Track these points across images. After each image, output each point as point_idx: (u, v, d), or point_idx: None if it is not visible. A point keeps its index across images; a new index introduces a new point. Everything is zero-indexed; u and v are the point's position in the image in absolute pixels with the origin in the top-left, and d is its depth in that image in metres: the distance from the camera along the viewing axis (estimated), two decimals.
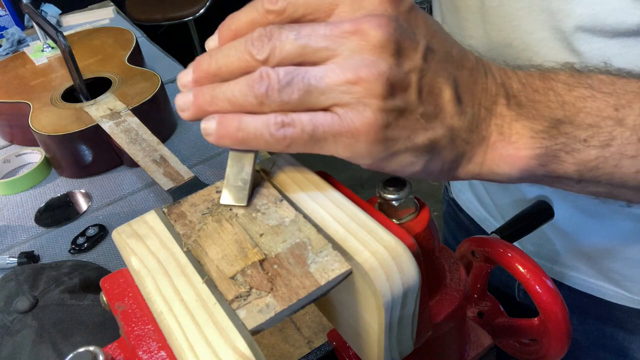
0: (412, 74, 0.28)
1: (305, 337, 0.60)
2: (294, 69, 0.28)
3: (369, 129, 0.28)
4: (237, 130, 0.29)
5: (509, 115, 0.31)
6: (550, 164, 0.31)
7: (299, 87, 0.28)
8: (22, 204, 0.86)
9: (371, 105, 0.27)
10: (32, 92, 0.96)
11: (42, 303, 0.58)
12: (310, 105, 0.28)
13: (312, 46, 0.28)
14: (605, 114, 0.31)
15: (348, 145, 0.29)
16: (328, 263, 0.28)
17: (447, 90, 0.29)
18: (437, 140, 0.30)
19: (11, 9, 1.45)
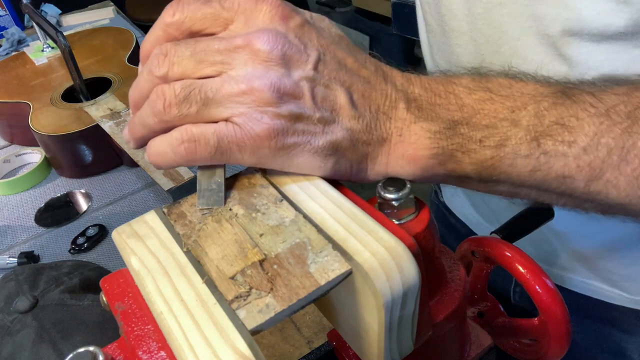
0: (303, 82, 0.30)
1: (305, 337, 0.60)
2: (190, 83, 0.30)
3: (269, 134, 0.30)
4: (150, 155, 0.32)
5: (408, 118, 0.33)
6: (448, 164, 0.33)
7: (197, 100, 0.30)
8: (22, 204, 0.86)
9: (267, 112, 0.29)
10: (32, 92, 0.96)
11: (42, 303, 0.58)
12: (209, 117, 0.30)
13: (208, 60, 0.30)
14: (501, 116, 0.33)
15: (253, 153, 0.31)
16: (328, 263, 0.28)
17: (342, 97, 0.31)
18: (338, 143, 0.32)
19: (11, 9, 1.45)
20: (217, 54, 0.30)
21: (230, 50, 0.30)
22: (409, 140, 0.33)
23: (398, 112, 0.33)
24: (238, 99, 0.29)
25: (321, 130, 0.31)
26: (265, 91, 0.29)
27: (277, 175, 0.34)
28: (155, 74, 0.30)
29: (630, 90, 0.33)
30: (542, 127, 0.32)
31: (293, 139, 0.31)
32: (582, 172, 0.32)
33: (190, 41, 0.31)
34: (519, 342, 0.46)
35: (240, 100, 0.29)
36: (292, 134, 0.30)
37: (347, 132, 0.32)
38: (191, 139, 0.30)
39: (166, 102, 0.30)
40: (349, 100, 0.32)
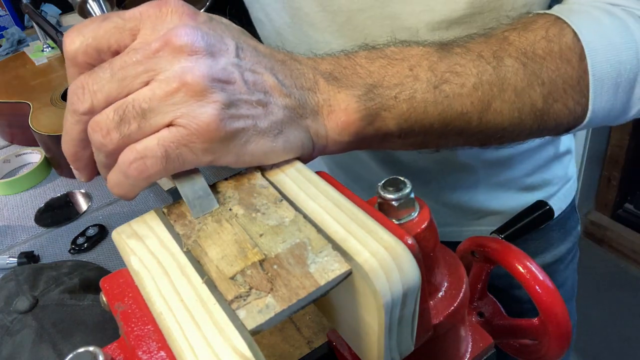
0: (231, 68, 0.31)
1: (305, 337, 0.60)
2: (121, 102, 0.29)
3: (216, 124, 0.29)
4: (112, 189, 0.31)
5: (331, 90, 0.36)
6: (376, 122, 0.37)
7: (134, 115, 0.28)
8: (22, 204, 0.86)
9: (207, 103, 0.29)
10: (32, 92, 0.96)
11: (42, 303, 0.58)
12: (151, 128, 0.29)
13: (130, 75, 0.29)
14: (404, 74, 0.38)
15: (205, 150, 0.30)
16: (328, 263, 0.28)
17: (270, 78, 0.33)
18: (280, 120, 0.33)
19: (11, 9, 1.45)
20: (137, 65, 0.29)
21: (150, 56, 0.29)
22: (339, 107, 0.35)
23: (319, 86, 0.35)
24: (174, 99, 0.29)
25: (262, 112, 0.32)
26: (199, 83, 0.29)
27: (277, 175, 0.34)
28: (80, 111, 0.29)
29: (484, 38, 0.42)
30: (439, 77, 0.38)
31: (240, 124, 0.30)
32: (475, 107, 0.39)
33: (103, 65, 0.29)
34: (519, 342, 0.46)
35: (177, 100, 0.29)
36: (238, 118, 0.30)
37: (285, 110, 0.33)
38: (137, 157, 0.29)
39: (103, 131, 0.29)
40: (276, 80, 0.33)
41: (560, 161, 0.75)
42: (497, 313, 0.47)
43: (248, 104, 0.31)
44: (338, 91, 0.36)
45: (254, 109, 0.31)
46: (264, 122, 0.32)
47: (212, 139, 0.29)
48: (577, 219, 0.82)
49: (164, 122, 0.29)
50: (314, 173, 0.34)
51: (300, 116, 0.34)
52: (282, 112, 0.33)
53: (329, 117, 0.35)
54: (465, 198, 0.72)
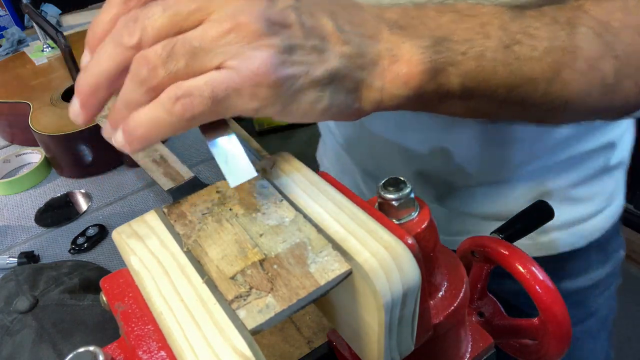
0: (288, 11, 0.29)
1: (305, 337, 0.60)
2: (173, 39, 0.27)
3: (267, 69, 0.28)
4: (136, 128, 0.28)
5: (395, 39, 0.33)
6: (439, 77, 0.34)
7: (183, 53, 0.27)
8: (22, 204, 0.86)
9: (260, 47, 0.28)
10: (32, 92, 0.96)
11: (42, 303, 0.58)
12: (200, 68, 0.28)
13: (183, 12, 0.28)
14: (475, 31, 0.35)
15: (253, 95, 0.28)
16: (328, 263, 0.28)
17: (328, 23, 0.31)
18: (335, 69, 0.31)
19: (11, 9, 1.45)
20: (191, 2, 0.28)
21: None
22: (403, 58, 0.33)
23: (383, 34, 0.33)
24: (226, 39, 0.27)
25: (317, 59, 0.30)
26: (253, 23, 0.28)
27: (277, 175, 0.34)
28: (126, 44, 0.28)
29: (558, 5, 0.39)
30: (510, 37, 0.36)
31: (292, 70, 0.29)
32: (545, 73, 0.37)
33: (158, 1, 0.28)
34: (519, 342, 0.46)
35: (229, 41, 0.27)
36: (291, 64, 0.29)
37: (342, 59, 0.31)
38: (185, 93, 0.27)
39: (150, 66, 0.27)
40: (335, 26, 0.31)
41: (611, 174, 0.67)
42: (497, 313, 0.47)
43: (303, 50, 0.29)
44: (402, 41, 0.33)
45: (308, 55, 0.30)
46: (318, 70, 0.30)
47: (261, 84, 0.28)
48: (620, 242, 0.74)
49: (213, 63, 0.28)
50: (314, 173, 0.34)
51: (357, 66, 0.32)
52: (337, 61, 0.31)
53: (389, 69, 0.33)
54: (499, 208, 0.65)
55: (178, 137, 0.96)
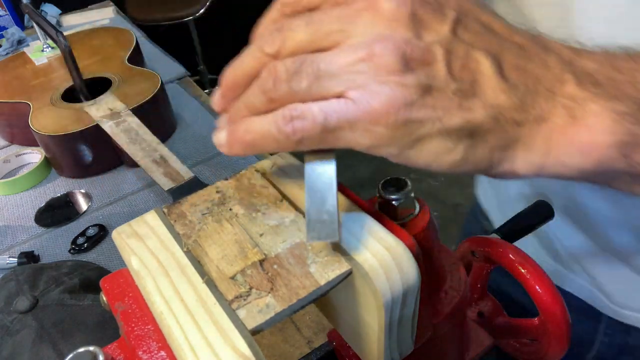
0: (435, 46, 0.25)
1: (305, 337, 0.60)
2: (304, 56, 0.26)
3: (389, 108, 0.25)
4: (245, 133, 0.28)
5: (582, 96, 0.26)
6: (635, 155, 0.27)
7: (308, 73, 0.26)
8: (22, 204, 0.86)
9: (388, 82, 0.25)
10: (32, 92, 0.96)
11: (42, 303, 0.58)
12: (321, 93, 0.26)
13: (323, 30, 0.26)
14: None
15: (367, 132, 0.26)
16: (328, 263, 0.28)
17: (486, 64, 0.26)
18: (478, 122, 0.26)
19: (11, 9, 1.45)
20: (335, 21, 0.26)
21: (350, 15, 0.26)
22: (585, 122, 0.26)
23: (566, 87, 0.27)
24: (355, 68, 0.25)
25: (457, 105, 0.26)
26: (387, 55, 0.25)
27: (277, 175, 0.34)
28: (265, 51, 0.27)
29: None
30: None
31: (419, 114, 0.25)
32: None
33: (307, 13, 0.27)
34: (519, 342, 0.46)
35: (358, 70, 0.25)
36: (419, 108, 0.25)
37: (492, 110, 0.26)
38: (299, 116, 0.26)
39: (277, 79, 0.26)
40: (496, 69, 0.26)
41: None
42: (497, 313, 0.47)
43: (441, 93, 0.25)
44: (591, 100, 0.26)
45: (448, 99, 0.26)
46: (454, 118, 0.26)
47: (378, 122, 0.25)
48: None
49: (335, 90, 0.26)
50: None
51: (512, 122, 0.26)
52: (483, 112, 0.26)
53: (562, 130, 0.27)
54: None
55: (178, 137, 0.96)
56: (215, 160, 0.89)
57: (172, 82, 1.13)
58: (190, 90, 1.10)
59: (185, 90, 1.10)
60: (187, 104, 1.05)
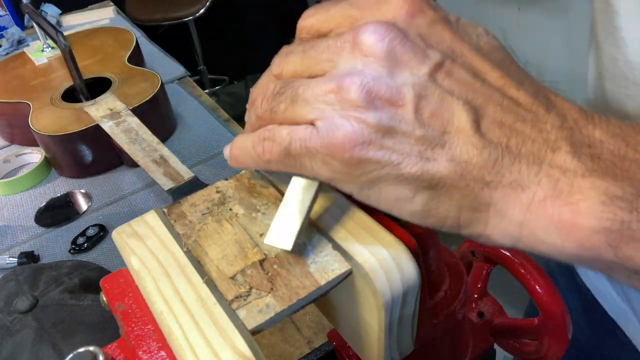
0: (406, 88, 0.24)
1: (305, 337, 0.60)
2: (291, 80, 0.27)
3: (345, 143, 0.24)
4: (233, 148, 0.30)
5: (574, 168, 0.23)
6: (626, 248, 0.23)
7: (287, 96, 0.26)
8: (22, 204, 0.86)
9: (350, 117, 0.24)
10: (32, 92, 0.96)
11: (42, 303, 0.58)
12: (295, 117, 0.26)
13: (315, 57, 0.27)
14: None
15: (325, 164, 0.26)
16: (328, 263, 0.28)
17: (462, 116, 0.24)
18: (439, 175, 0.24)
19: (11, 9, 1.45)
20: (325, 50, 0.26)
21: (337, 46, 0.26)
22: (569, 199, 0.23)
23: (557, 155, 0.24)
24: (325, 98, 0.25)
25: (418, 153, 0.24)
26: (353, 90, 0.24)
27: (277, 175, 0.34)
28: (272, 72, 0.28)
29: None
30: None
31: (376, 155, 0.24)
32: None
33: (311, 40, 0.28)
34: (519, 342, 0.46)
35: (327, 100, 0.25)
36: (377, 148, 0.24)
37: (457, 165, 0.24)
38: (269, 137, 0.27)
39: (261, 96, 0.27)
40: (472, 123, 0.24)
41: None
42: (497, 313, 0.47)
43: (405, 137, 0.24)
44: (584, 175, 0.23)
45: (409, 145, 0.24)
46: (413, 166, 0.24)
47: (334, 156, 0.25)
48: None
49: (307, 117, 0.26)
50: None
51: (480, 181, 0.24)
52: (449, 166, 0.24)
53: (542, 204, 0.23)
54: None
55: (178, 137, 0.96)
56: (215, 160, 0.89)
57: (172, 82, 1.13)
58: (190, 90, 1.10)
59: (185, 90, 1.10)
60: (187, 104, 1.05)
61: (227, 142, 0.32)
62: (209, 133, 0.95)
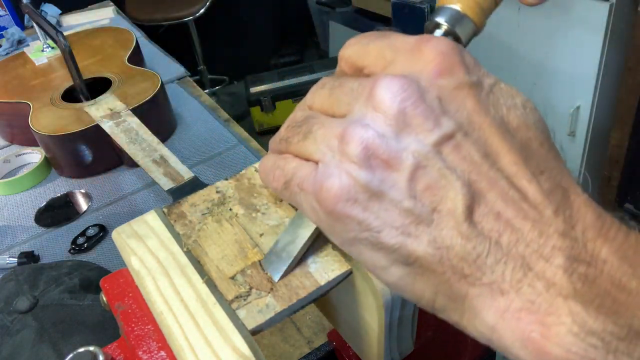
0: (407, 154, 0.23)
1: (305, 337, 0.60)
2: (313, 114, 0.26)
3: (331, 195, 0.23)
4: (259, 165, 0.29)
5: (560, 286, 0.21)
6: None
7: (302, 130, 0.26)
8: (22, 204, 0.86)
9: (343, 169, 0.23)
10: (32, 92, 0.96)
11: (42, 303, 0.58)
12: (304, 153, 0.26)
13: (338, 98, 0.26)
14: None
15: (312, 209, 0.25)
16: (328, 263, 0.28)
17: (457, 197, 0.22)
18: (416, 254, 0.23)
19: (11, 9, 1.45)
20: (348, 93, 0.25)
21: (358, 92, 0.25)
22: (544, 318, 0.21)
23: (547, 266, 0.21)
24: (330, 142, 0.24)
25: (401, 226, 0.23)
26: (352, 143, 0.23)
27: None
28: (306, 102, 0.28)
29: None
30: None
31: (358, 215, 0.23)
32: None
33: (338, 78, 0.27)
34: None
35: (330, 145, 0.24)
36: (361, 209, 0.23)
37: (438, 250, 0.22)
38: (281, 166, 0.27)
39: (287, 126, 0.27)
40: (465, 207, 0.22)
41: None
42: None
43: (390, 205, 0.23)
44: (566, 296, 0.21)
45: (393, 215, 0.23)
46: (392, 237, 0.23)
47: (320, 205, 0.24)
48: None
49: (314, 156, 0.25)
50: None
51: (459, 274, 0.22)
52: (429, 248, 0.22)
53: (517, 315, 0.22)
54: None
55: (178, 137, 0.96)
56: (215, 160, 0.89)
57: (172, 82, 1.13)
58: (190, 90, 1.10)
59: (185, 90, 1.10)
60: (187, 104, 1.05)
61: (227, 142, 0.32)
62: (209, 133, 0.95)
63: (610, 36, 1.43)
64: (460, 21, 0.28)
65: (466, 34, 0.28)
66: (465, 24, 0.28)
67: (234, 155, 0.88)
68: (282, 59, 3.06)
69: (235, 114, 2.72)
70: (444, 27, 0.28)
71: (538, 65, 1.62)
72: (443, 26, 0.28)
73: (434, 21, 0.28)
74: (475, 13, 0.28)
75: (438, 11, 0.28)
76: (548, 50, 1.62)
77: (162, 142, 0.77)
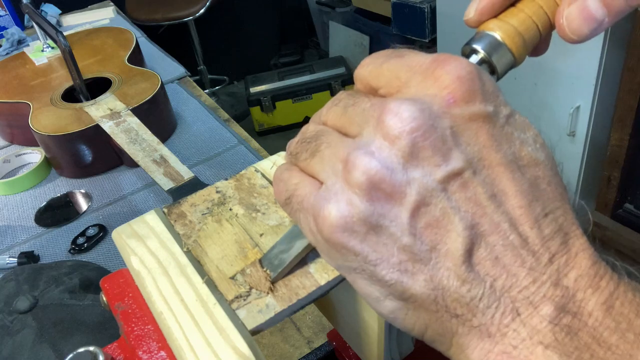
0: (412, 188, 0.22)
1: (305, 337, 0.60)
2: (324, 131, 0.25)
3: (328, 223, 0.23)
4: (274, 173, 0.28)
5: (544, 335, 0.21)
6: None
7: (311, 148, 0.25)
8: (22, 204, 0.86)
9: (345, 196, 0.22)
10: (32, 92, 0.96)
11: (42, 303, 0.58)
12: (309, 169, 0.25)
13: (350, 118, 0.25)
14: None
15: (310, 231, 0.24)
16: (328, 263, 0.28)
17: (457, 241, 0.22)
18: (411, 292, 0.23)
19: (11, 9, 1.45)
20: (360, 114, 0.24)
21: (369, 115, 0.24)
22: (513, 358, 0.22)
23: (535, 314, 0.22)
24: (335, 165, 0.23)
25: (398, 262, 0.22)
26: (355, 171, 0.22)
27: None
28: (321, 117, 0.27)
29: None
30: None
31: (355, 246, 0.23)
32: None
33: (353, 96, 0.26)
34: None
35: (335, 169, 0.23)
36: (358, 241, 0.23)
37: (434, 290, 0.22)
38: (285, 179, 0.26)
39: (298, 138, 0.26)
40: (465, 250, 0.22)
41: None
42: None
43: (389, 239, 0.22)
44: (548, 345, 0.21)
45: (391, 250, 0.22)
46: (387, 273, 0.23)
47: (318, 228, 0.24)
48: None
49: (319, 176, 0.24)
50: None
51: (452, 313, 0.23)
52: (425, 287, 0.22)
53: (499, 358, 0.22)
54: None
55: (178, 137, 0.96)
56: (215, 160, 0.89)
57: (172, 82, 1.13)
58: (190, 90, 1.10)
59: (185, 90, 1.10)
60: (187, 104, 1.05)
61: (227, 142, 0.32)
62: (209, 133, 0.95)
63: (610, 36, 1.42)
64: (497, 50, 0.27)
65: (503, 64, 0.27)
66: (503, 54, 0.27)
67: (234, 155, 0.88)
68: (282, 59, 3.07)
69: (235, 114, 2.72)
70: (480, 54, 0.27)
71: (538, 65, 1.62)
72: (480, 53, 0.27)
73: (471, 46, 0.27)
74: (515, 43, 0.27)
75: (477, 37, 0.27)
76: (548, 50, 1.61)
77: (162, 142, 0.77)
